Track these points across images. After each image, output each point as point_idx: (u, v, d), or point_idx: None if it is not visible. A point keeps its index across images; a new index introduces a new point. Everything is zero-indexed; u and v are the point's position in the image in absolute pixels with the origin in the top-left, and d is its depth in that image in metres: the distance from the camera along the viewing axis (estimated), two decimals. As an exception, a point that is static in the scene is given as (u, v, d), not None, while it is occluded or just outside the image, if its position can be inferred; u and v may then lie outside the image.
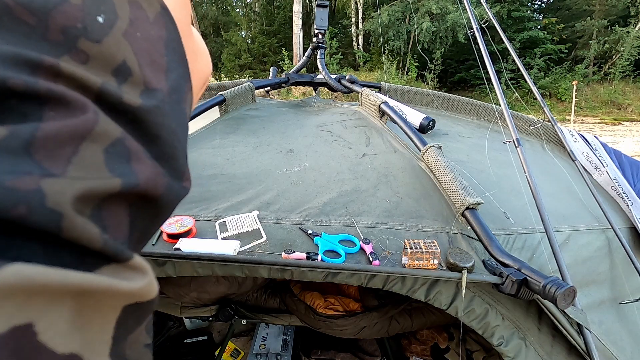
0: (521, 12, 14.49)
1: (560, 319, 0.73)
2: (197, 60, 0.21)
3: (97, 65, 0.14)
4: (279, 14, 18.12)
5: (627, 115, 12.64)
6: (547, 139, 1.44)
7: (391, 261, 0.75)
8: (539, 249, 0.87)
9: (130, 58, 0.15)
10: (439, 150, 1.00)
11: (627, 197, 1.16)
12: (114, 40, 0.15)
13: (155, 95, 0.16)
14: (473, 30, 1.23)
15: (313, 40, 1.75)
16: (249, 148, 1.14)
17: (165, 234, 0.78)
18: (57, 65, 0.13)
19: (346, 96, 2.10)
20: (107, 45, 0.14)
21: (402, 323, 1.42)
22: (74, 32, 0.14)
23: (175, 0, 0.19)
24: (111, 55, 0.15)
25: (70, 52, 0.14)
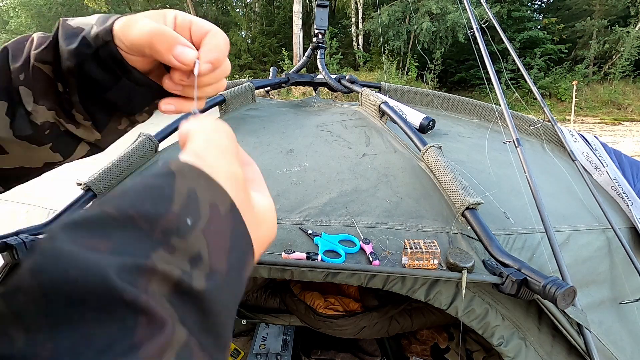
0: (521, 12, 14.49)
1: (560, 319, 0.73)
2: (260, 228, 0.25)
3: (179, 255, 0.18)
4: (279, 14, 18.12)
5: (627, 115, 12.65)
6: (547, 139, 1.44)
7: (391, 261, 0.75)
8: (539, 249, 0.87)
9: (204, 249, 0.19)
10: (439, 150, 1.00)
11: (627, 197, 1.16)
12: (195, 235, 0.19)
13: (216, 276, 0.20)
14: (473, 30, 1.23)
15: (313, 40, 1.75)
16: (249, 148, 1.14)
17: (165, 234, 0.78)
18: (153, 266, 0.17)
19: (346, 96, 2.10)
20: (190, 241, 0.19)
21: (402, 323, 1.42)
22: (170, 232, 0.18)
23: (235, 186, 0.23)
24: (191, 248, 0.19)
25: (164, 246, 0.18)
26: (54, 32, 0.36)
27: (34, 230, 0.78)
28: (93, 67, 0.35)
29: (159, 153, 1.08)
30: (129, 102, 0.38)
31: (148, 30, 0.32)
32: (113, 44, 0.34)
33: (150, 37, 0.32)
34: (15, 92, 0.36)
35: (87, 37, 0.34)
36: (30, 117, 0.36)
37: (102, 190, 0.90)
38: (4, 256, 0.74)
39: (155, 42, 0.32)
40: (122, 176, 0.95)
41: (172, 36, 0.32)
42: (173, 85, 0.36)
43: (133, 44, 0.33)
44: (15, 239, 0.73)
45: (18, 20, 17.97)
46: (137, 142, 1.01)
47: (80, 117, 0.38)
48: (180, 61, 0.32)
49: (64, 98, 0.37)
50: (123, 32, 0.33)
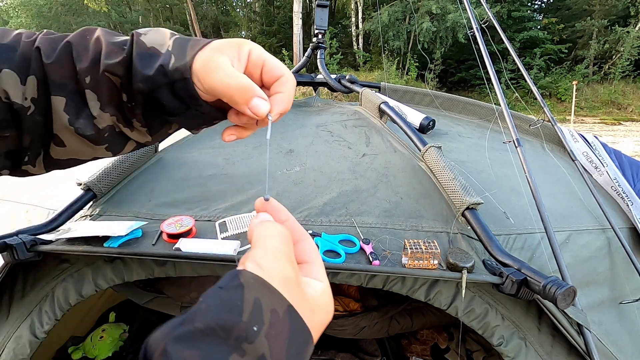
0: (521, 12, 14.49)
1: (560, 319, 0.73)
2: (315, 315, 0.28)
3: (248, 358, 0.22)
4: (279, 14, 18.12)
5: (627, 115, 12.64)
6: (547, 139, 1.44)
7: (391, 261, 0.75)
8: (539, 249, 0.87)
9: (267, 350, 0.23)
10: (439, 150, 1.00)
11: (627, 197, 1.16)
12: (260, 340, 0.23)
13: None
14: (473, 30, 1.23)
15: (313, 40, 1.75)
16: (249, 148, 1.14)
17: (166, 234, 0.78)
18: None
19: (346, 96, 2.10)
20: (256, 345, 0.22)
21: (402, 323, 1.42)
22: (241, 339, 0.22)
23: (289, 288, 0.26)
24: (257, 351, 0.22)
25: (237, 351, 0.22)
26: (128, 48, 0.36)
27: (34, 230, 0.78)
28: (165, 95, 0.36)
29: (159, 153, 1.08)
30: (190, 122, 0.40)
31: (228, 83, 0.34)
32: (191, 81, 0.35)
33: (230, 90, 0.34)
34: (79, 92, 0.37)
35: (166, 67, 0.35)
36: (94, 120, 0.38)
37: (102, 191, 0.90)
38: (4, 256, 0.74)
39: (235, 95, 0.34)
40: (122, 176, 0.95)
41: (251, 90, 0.34)
42: (238, 120, 0.38)
43: (212, 90, 0.34)
44: (15, 239, 0.73)
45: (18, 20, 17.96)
46: (137, 142, 1.01)
47: (138, 125, 0.39)
48: (254, 113, 0.34)
49: (127, 107, 0.38)
50: (203, 76, 0.34)
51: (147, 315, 1.72)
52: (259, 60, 0.36)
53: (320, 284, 0.31)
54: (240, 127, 0.39)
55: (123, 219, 0.86)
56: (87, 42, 0.37)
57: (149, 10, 19.29)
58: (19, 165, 0.39)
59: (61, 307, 0.80)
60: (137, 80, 0.35)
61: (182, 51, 0.36)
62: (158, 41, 0.37)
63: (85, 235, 0.75)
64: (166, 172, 1.01)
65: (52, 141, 0.38)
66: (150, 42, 0.37)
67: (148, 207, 0.89)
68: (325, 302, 0.30)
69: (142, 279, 0.82)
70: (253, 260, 0.27)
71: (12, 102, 0.35)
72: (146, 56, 0.36)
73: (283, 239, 0.30)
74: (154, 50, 0.36)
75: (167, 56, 0.36)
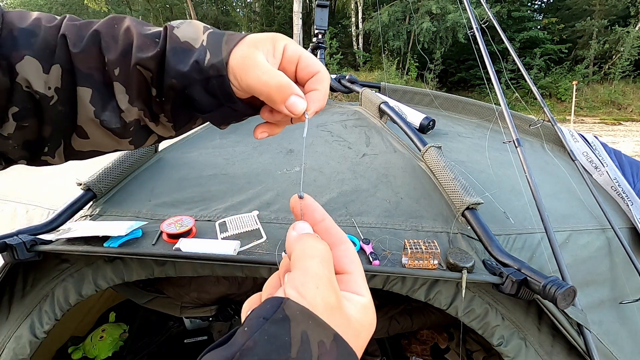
0: (521, 12, 14.49)
1: (560, 319, 0.73)
2: (360, 336, 0.28)
3: None
4: (279, 14, 18.12)
5: (627, 115, 12.64)
6: (547, 139, 1.44)
7: (391, 261, 0.75)
8: (539, 249, 0.87)
9: None
10: (439, 150, 1.00)
11: (627, 197, 1.16)
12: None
13: None
14: (473, 30, 1.23)
15: (313, 40, 1.75)
16: (249, 148, 1.14)
17: (166, 234, 0.78)
18: None
19: (346, 96, 2.10)
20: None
21: (402, 323, 1.42)
22: None
23: (332, 315, 0.25)
24: None
25: None
26: (162, 42, 0.35)
27: (34, 230, 0.78)
28: (198, 92, 0.35)
29: (159, 153, 1.08)
30: (220, 119, 0.39)
31: (267, 81, 0.33)
32: (227, 78, 0.34)
33: (268, 88, 0.33)
34: (106, 84, 0.36)
35: (201, 63, 0.34)
36: (121, 114, 0.36)
37: (102, 191, 0.90)
38: (4, 256, 0.74)
39: (273, 93, 0.33)
40: (122, 176, 0.95)
41: (289, 88, 0.33)
42: (271, 118, 0.37)
43: (249, 88, 0.34)
44: (15, 239, 0.73)
45: (18, 20, 17.95)
46: (137, 142, 1.01)
47: (164, 120, 0.38)
48: (291, 111, 0.34)
49: (155, 102, 0.37)
50: (241, 74, 0.34)
51: (147, 315, 1.72)
52: (294, 55, 0.36)
53: (362, 299, 0.29)
54: (272, 124, 0.39)
55: (123, 219, 0.86)
56: (116, 32, 0.36)
57: (149, 10, 19.29)
58: (38, 156, 0.39)
59: (61, 307, 0.80)
60: (171, 76, 0.35)
61: (217, 46, 0.35)
62: (192, 35, 0.36)
63: (85, 235, 0.75)
64: (166, 172, 1.01)
65: (74, 132, 0.37)
66: (184, 37, 0.36)
67: (148, 207, 0.89)
68: (368, 318, 0.29)
69: (142, 279, 0.82)
70: (294, 287, 0.26)
71: (34, 91, 0.34)
72: (180, 51, 0.35)
73: (323, 261, 0.28)
74: (187, 45, 0.35)
75: (202, 52, 0.35)
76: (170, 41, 0.35)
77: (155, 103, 0.37)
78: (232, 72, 0.34)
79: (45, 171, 1.21)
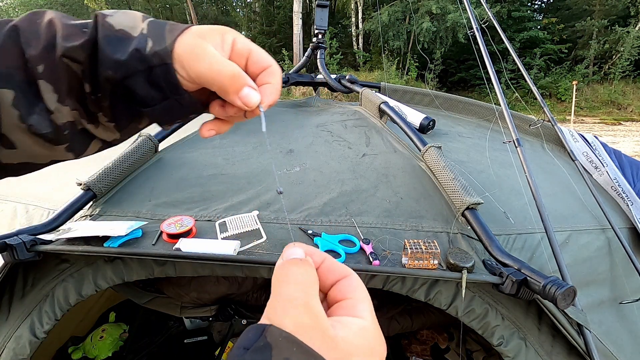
0: (521, 12, 14.49)
1: (560, 319, 0.73)
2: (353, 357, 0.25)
3: None
4: (279, 14, 18.12)
5: (627, 115, 12.64)
6: (547, 139, 1.44)
7: (391, 261, 0.75)
8: (539, 249, 0.87)
9: None
10: (439, 150, 1.00)
11: (627, 197, 1.16)
12: None
13: None
14: (473, 30, 1.23)
15: (313, 40, 1.75)
16: (249, 148, 1.14)
17: (166, 234, 0.78)
18: None
19: (346, 96, 2.10)
20: None
21: (402, 323, 1.42)
22: None
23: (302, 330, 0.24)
24: None
25: None
26: (92, 30, 0.32)
27: (34, 230, 0.78)
28: (140, 83, 0.32)
29: (159, 153, 1.08)
30: (164, 115, 0.36)
31: (219, 70, 0.31)
32: (172, 67, 0.32)
33: (221, 76, 0.32)
34: (30, 83, 0.32)
35: (142, 51, 0.32)
36: (51, 115, 0.33)
37: (102, 191, 0.90)
38: (4, 256, 0.74)
39: (225, 83, 0.32)
40: (122, 176, 0.95)
41: (242, 78, 0.32)
42: (223, 113, 0.36)
43: (199, 78, 0.32)
44: (15, 239, 0.73)
45: (18, 20, 17.96)
46: (137, 142, 1.01)
47: (104, 119, 0.35)
48: (245, 103, 0.32)
49: (91, 100, 0.33)
50: (190, 62, 0.32)
51: (147, 315, 1.72)
52: (244, 49, 0.34)
53: (361, 321, 0.27)
54: (220, 121, 0.37)
55: (123, 219, 0.86)
56: (37, 27, 0.32)
57: (149, 10, 19.28)
58: None
59: (61, 307, 0.80)
60: (106, 66, 0.31)
61: (159, 35, 0.32)
62: (128, 23, 0.33)
63: (85, 235, 0.75)
64: (166, 172, 1.01)
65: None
66: (119, 24, 0.33)
67: (148, 207, 0.89)
68: (366, 341, 0.27)
69: (142, 279, 0.82)
70: (265, 313, 0.25)
71: None
72: (115, 39, 0.32)
73: (297, 284, 0.27)
74: (123, 33, 0.32)
75: (142, 39, 0.32)
76: (103, 29, 0.32)
77: (90, 100, 0.33)
78: (178, 61, 0.32)
79: (45, 171, 1.21)
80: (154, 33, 0.33)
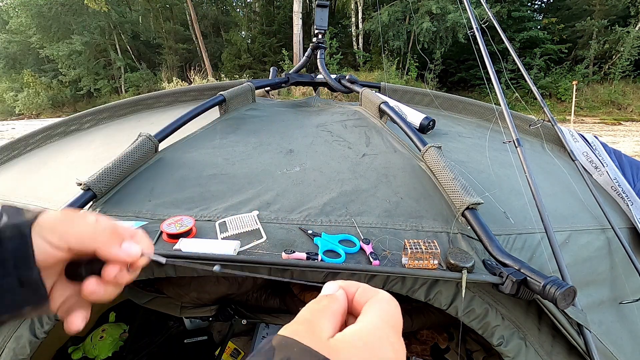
0: (521, 12, 14.49)
1: (560, 319, 0.73)
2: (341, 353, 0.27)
3: None
4: (279, 14, 18.12)
5: (627, 115, 12.64)
6: (547, 139, 1.44)
7: (391, 261, 0.75)
8: (539, 249, 0.87)
9: None
10: (439, 150, 1.00)
11: (627, 197, 1.16)
12: None
13: None
14: (473, 30, 1.23)
15: (313, 40, 1.75)
16: (249, 148, 1.14)
17: (165, 234, 0.78)
18: None
19: (346, 96, 2.10)
20: None
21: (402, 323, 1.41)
22: None
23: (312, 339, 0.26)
24: None
25: None
26: None
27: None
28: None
29: (159, 153, 1.08)
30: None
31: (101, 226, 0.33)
32: (29, 238, 0.31)
33: (104, 232, 0.33)
34: None
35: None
36: None
37: (102, 191, 0.90)
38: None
39: (108, 238, 0.33)
40: (122, 176, 0.95)
41: (122, 232, 0.35)
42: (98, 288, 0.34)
43: (79, 237, 0.33)
44: (15, 239, 0.73)
45: (18, 20, 17.97)
46: (137, 142, 1.01)
47: None
48: (128, 254, 0.34)
49: None
50: (64, 227, 0.32)
51: (147, 315, 1.72)
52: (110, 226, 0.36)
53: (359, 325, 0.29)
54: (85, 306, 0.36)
55: (123, 219, 0.86)
56: None
57: (149, 10, 19.29)
58: None
59: (61, 307, 0.80)
60: None
61: (16, 212, 0.32)
62: None
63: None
64: (166, 172, 1.01)
65: None
66: None
67: (148, 207, 0.89)
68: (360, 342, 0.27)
69: (142, 279, 0.82)
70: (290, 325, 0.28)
71: None
72: None
73: (307, 309, 0.30)
74: None
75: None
76: None
77: None
78: (47, 228, 0.32)
79: (45, 171, 1.21)
80: (9, 211, 0.33)
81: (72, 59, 18.31)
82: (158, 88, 15.78)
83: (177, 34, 19.49)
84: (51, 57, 18.58)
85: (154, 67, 19.79)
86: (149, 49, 20.63)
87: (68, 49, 17.63)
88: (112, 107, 1.58)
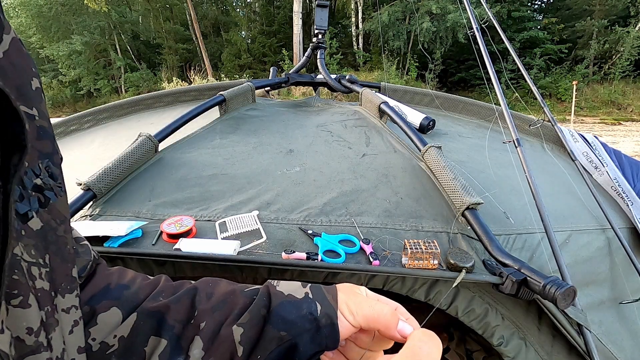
0: (521, 12, 14.49)
1: (560, 319, 0.73)
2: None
3: None
4: (279, 14, 18.12)
5: (627, 115, 12.64)
6: (547, 139, 1.44)
7: (391, 261, 0.75)
8: (539, 249, 0.87)
9: None
10: (439, 150, 1.00)
11: (627, 197, 1.16)
12: None
13: None
14: (473, 30, 1.23)
15: (313, 40, 1.75)
16: (249, 148, 1.14)
17: (165, 234, 0.78)
18: None
19: (346, 96, 2.10)
20: None
21: (402, 323, 1.41)
22: None
23: None
24: None
25: None
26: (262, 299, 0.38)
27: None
28: (305, 340, 0.36)
29: (159, 153, 1.08)
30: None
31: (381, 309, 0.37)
32: (337, 325, 0.37)
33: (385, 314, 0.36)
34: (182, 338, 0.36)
35: (314, 313, 0.37)
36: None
37: (102, 191, 0.90)
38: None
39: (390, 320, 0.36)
40: (122, 176, 0.95)
41: (397, 312, 0.38)
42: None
43: (366, 319, 0.36)
44: (15, 239, 0.73)
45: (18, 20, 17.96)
46: (137, 142, 1.01)
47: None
48: (402, 335, 0.37)
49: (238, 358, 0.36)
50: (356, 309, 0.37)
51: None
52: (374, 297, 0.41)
53: None
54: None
55: (123, 219, 0.86)
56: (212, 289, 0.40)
57: (149, 10, 19.28)
58: None
59: (61, 307, 0.80)
60: (278, 327, 0.36)
61: (323, 297, 0.38)
62: (291, 289, 0.40)
63: (85, 235, 0.75)
64: (166, 172, 1.01)
65: None
66: (287, 291, 0.39)
67: (148, 207, 0.89)
68: None
69: (142, 279, 0.82)
70: None
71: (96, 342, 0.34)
72: (287, 303, 0.38)
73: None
74: (292, 298, 0.39)
75: (312, 303, 0.38)
76: (276, 297, 0.39)
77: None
78: (345, 311, 0.37)
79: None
80: (318, 297, 0.39)
81: (72, 59, 18.30)
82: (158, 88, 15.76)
83: (177, 34, 19.48)
84: (51, 57, 18.57)
85: (154, 67, 19.79)
86: (149, 49, 20.63)
87: (68, 49, 17.63)
88: (112, 107, 1.58)
